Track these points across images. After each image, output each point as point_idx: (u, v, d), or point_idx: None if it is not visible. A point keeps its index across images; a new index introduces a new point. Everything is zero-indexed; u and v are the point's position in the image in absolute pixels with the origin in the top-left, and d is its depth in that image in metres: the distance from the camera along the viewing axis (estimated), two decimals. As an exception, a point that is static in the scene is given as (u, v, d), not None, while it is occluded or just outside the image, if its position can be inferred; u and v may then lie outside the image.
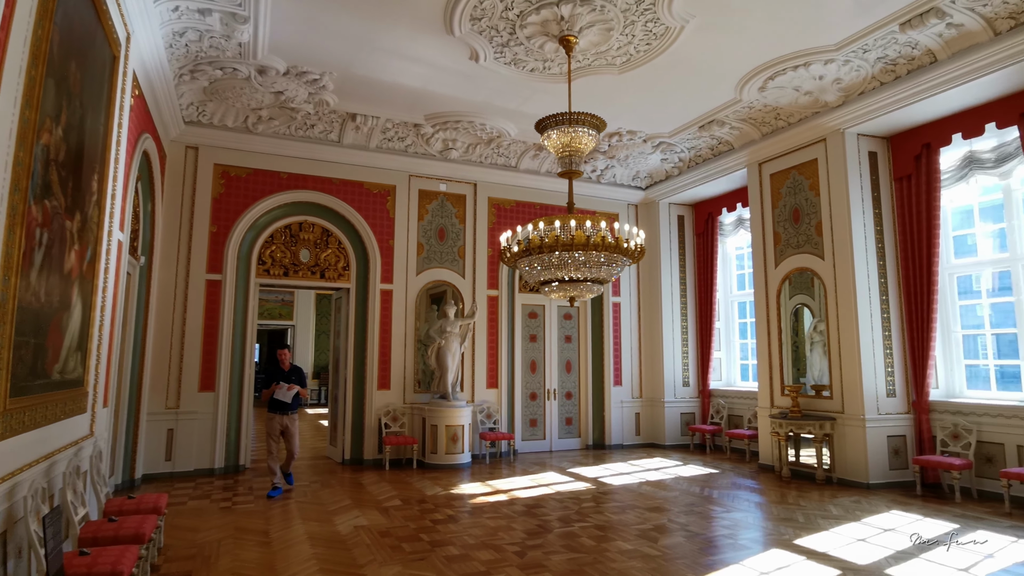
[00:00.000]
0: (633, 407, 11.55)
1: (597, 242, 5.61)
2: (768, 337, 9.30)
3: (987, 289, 8.23)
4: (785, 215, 9.11)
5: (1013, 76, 6.75)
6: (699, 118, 9.15)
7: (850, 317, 8.04)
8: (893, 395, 8.01)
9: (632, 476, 8.53)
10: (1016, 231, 7.58)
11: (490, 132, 9.60)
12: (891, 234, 8.33)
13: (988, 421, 7.32)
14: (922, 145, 7.99)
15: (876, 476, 7.71)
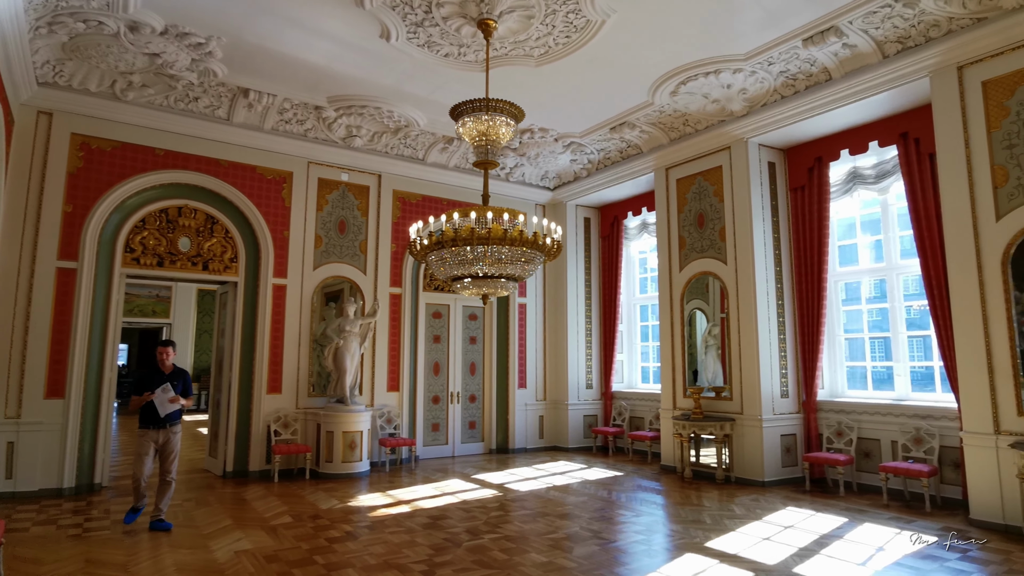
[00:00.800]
0: (537, 410, 11.40)
1: (515, 236, 5.31)
2: (672, 340, 9.46)
3: (866, 296, 8.82)
4: (690, 220, 9.32)
5: (896, 98, 7.23)
6: (611, 119, 9.15)
7: (751, 321, 8.31)
8: (786, 396, 8.37)
9: (538, 481, 8.32)
10: (891, 243, 8.16)
11: (398, 121, 9.07)
12: (786, 242, 8.72)
13: (867, 419, 7.81)
14: (815, 158, 8.42)
15: (771, 474, 8.00)
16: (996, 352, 6.07)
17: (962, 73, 6.45)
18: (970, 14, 6.19)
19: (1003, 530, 5.84)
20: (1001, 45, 6.15)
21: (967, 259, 6.31)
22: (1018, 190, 6.02)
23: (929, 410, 7.27)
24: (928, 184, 7.26)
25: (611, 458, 10.27)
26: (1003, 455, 5.92)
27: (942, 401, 7.40)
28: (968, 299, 6.28)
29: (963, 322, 6.31)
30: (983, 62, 6.31)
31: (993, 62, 6.24)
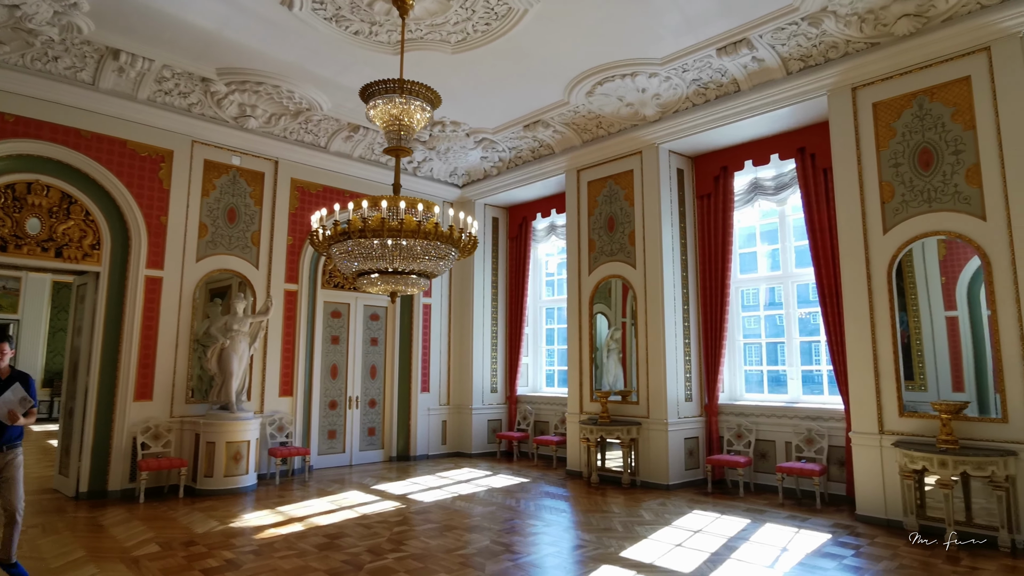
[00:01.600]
0: (440, 415, 10.97)
1: (429, 230, 4.91)
2: (579, 343, 9.40)
3: (764, 303, 9.20)
4: (601, 223, 9.31)
5: (796, 114, 7.56)
6: (526, 116, 8.95)
7: (658, 325, 8.39)
8: (690, 399, 8.53)
9: (443, 491, 7.91)
10: (787, 252, 8.56)
11: (299, 103, 8.34)
12: (693, 248, 8.91)
13: (764, 421, 8.11)
14: (721, 167, 8.67)
15: (675, 477, 8.10)
16: (882, 356, 6.44)
17: (856, 94, 6.83)
18: (865, 38, 6.55)
19: (885, 524, 6.18)
20: (891, 70, 6.56)
21: (858, 269, 6.66)
22: (903, 206, 6.43)
23: (819, 411, 7.65)
24: (823, 197, 7.65)
25: (516, 464, 10.05)
26: (886, 453, 6.28)
27: (829, 403, 7.82)
28: (858, 306, 6.63)
29: (854, 328, 6.65)
30: (874, 85, 6.70)
31: (884, 85, 6.64)
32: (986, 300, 5.92)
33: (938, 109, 6.30)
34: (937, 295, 6.45)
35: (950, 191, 6.15)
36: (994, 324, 5.83)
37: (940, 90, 6.30)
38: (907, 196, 6.41)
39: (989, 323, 5.89)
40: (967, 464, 5.47)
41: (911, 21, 6.24)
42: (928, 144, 6.32)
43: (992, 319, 5.85)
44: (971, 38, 6.07)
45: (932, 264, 6.52)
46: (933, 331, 6.38)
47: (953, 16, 6.13)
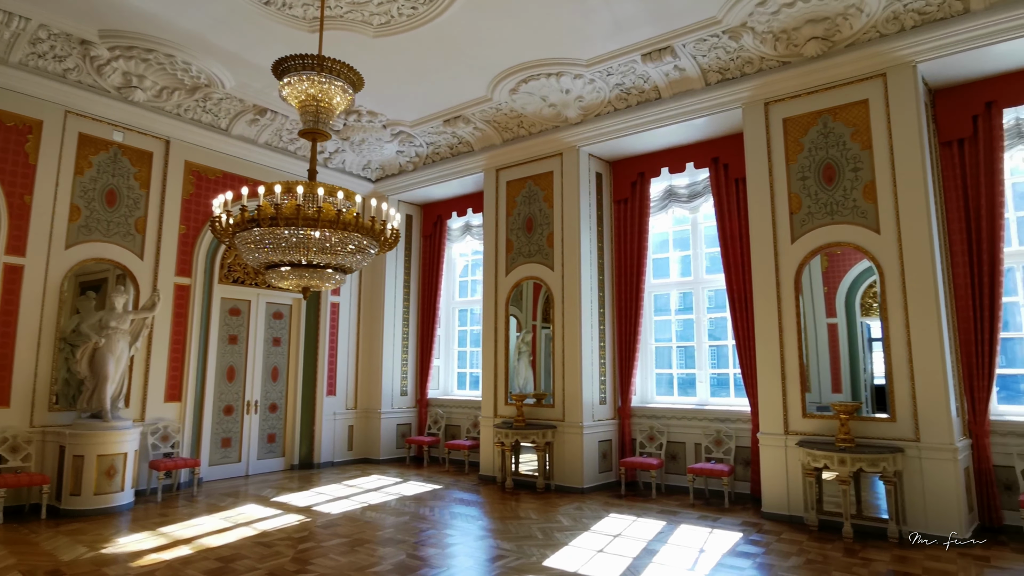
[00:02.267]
0: (347, 419, 10.41)
1: (349, 220, 4.52)
2: (495, 345, 9.21)
3: (675, 307, 9.45)
4: (519, 224, 9.18)
5: (712, 124, 7.81)
6: (447, 111, 8.67)
7: (575, 328, 8.37)
8: (604, 402, 8.58)
9: (351, 500, 7.43)
10: (699, 259, 8.84)
11: (196, 77, 7.57)
12: (609, 252, 8.99)
13: (674, 423, 8.30)
14: (638, 173, 8.81)
15: (589, 480, 8.10)
16: (788, 360, 6.74)
17: (768, 109, 7.14)
18: (778, 56, 6.86)
19: (788, 520, 6.46)
20: (800, 88, 6.91)
21: (768, 276, 6.95)
22: (809, 217, 6.78)
23: (727, 413, 7.92)
24: (734, 206, 7.94)
25: (426, 469, 9.69)
26: (791, 453, 6.57)
27: (736, 405, 8.12)
28: (768, 312, 6.91)
29: (764, 333, 6.92)
30: (785, 101, 7.03)
31: (793, 102, 6.98)
32: (880, 308, 6.34)
33: (840, 128, 6.70)
34: (820, 303, 6.90)
35: (850, 205, 6.55)
36: (886, 330, 6.25)
37: (842, 110, 6.70)
38: (813, 208, 6.77)
39: (883, 330, 6.30)
40: (863, 461, 5.81)
41: (819, 44, 6.60)
42: (831, 160, 6.71)
43: (884, 326, 6.27)
44: (870, 64, 6.50)
45: (816, 275, 6.98)
46: (816, 337, 6.81)
47: (855, 42, 6.54)
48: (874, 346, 7.18)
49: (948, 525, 5.73)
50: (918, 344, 6.05)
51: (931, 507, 5.82)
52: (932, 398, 5.94)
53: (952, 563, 5.14)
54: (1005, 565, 5.10)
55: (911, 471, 5.94)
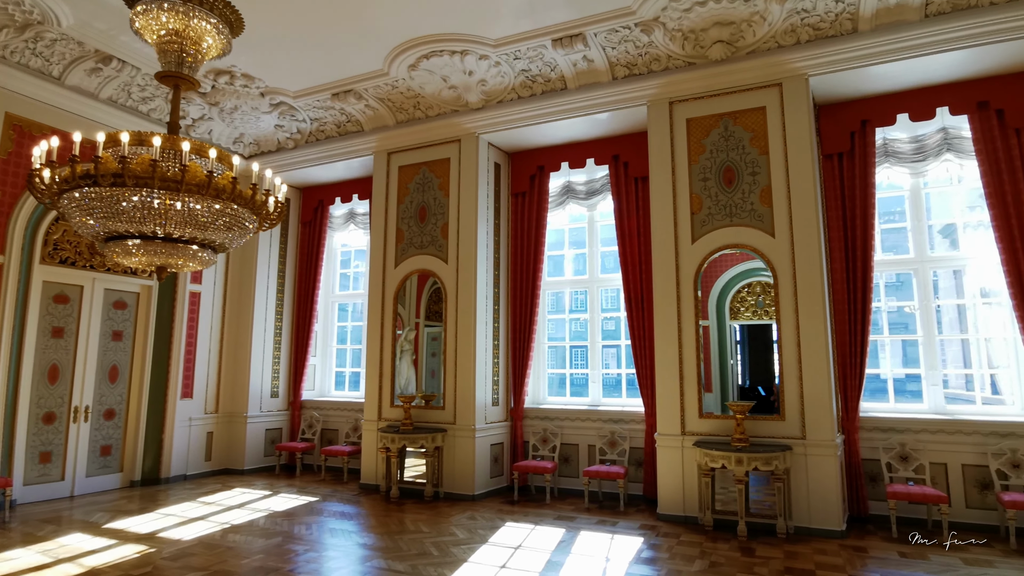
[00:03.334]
0: (206, 425, 9.14)
1: (224, 186, 3.71)
2: (381, 343, 8.49)
3: (568, 306, 9.29)
4: (411, 212, 8.54)
5: (615, 120, 7.70)
6: (337, 83, 7.83)
7: (469, 325, 7.89)
8: (497, 403, 8.18)
9: (209, 522, 6.39)
10: (594, 257, 8.72)
11: (28, 11, 6.15)
12: (506, 247, 8.62)
13: (568, 425, 8.09)
14: (538, 166, 8.53)
15: (481, 486, 7.65)
16: (686, 360, 6.74)
17: (673, 108, 7.13)
18: (685, 56, 6.86)
19: (684, 521, 6.44)
20: (703, 90, 6.96)
21: (668, 276, 6.92)
22: (709, 218, 6.83)
23: (620, 414, 7.83)
24: (633, 205, 7.89)
25: (300, 479, 8.73)
26: (687, 453, 6.56)
27: (629, 406, 8.07)
28: (668, 312, 6.87)
29: (663, 333, 6.87)
30: (689, 102, 7.05)
31: (697, 103, 7.02)
32: (774, 310, 6.50)
33: (740, 133, 6.82)
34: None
35: (747, 208, 6.68)
36: (780, 332, 6.42)
37: (742, 115, 6.83)
38: (713, 209, 6.83)
39: (777, 331, 6.47)
40: (758, 460, 5.89)
41: (724, 47, 6.67)
42: (731, 163, 6.81)
43: (778, 328, 6.44)
44: (768, 73, 6.67)
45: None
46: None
47: (756, 50, 6.68)
48: (737, 348, 7.48)
49: (829, 519, 5.96)
50: (807, 345, 6.26)
51: (814, 502, 6.02)
52: (818, 397, 6.17)
53: (837, 556, 5.30)
54: (881, 555, 5.34)
55: (797, 468, 6.13)
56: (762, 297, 7.06)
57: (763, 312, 7.14)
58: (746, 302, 7.29)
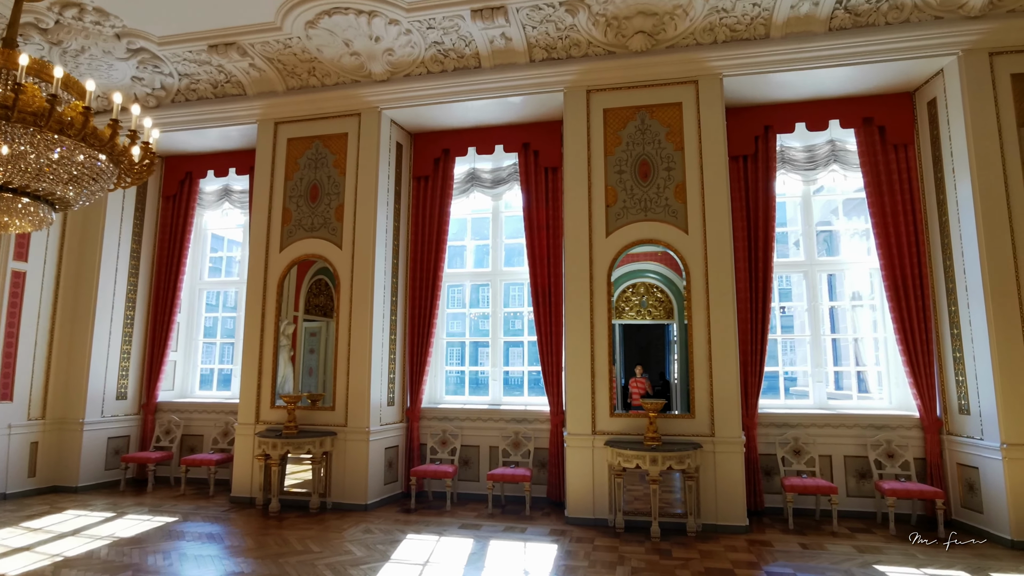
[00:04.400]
0: (29, 434, 7.55)
1: (74, 119, 2.82)
2: (261, 336, 7.49)
3: (469, 300, 8.81)
4: (301, 191, 7.62)
5: (527, 106, 7.35)
6: (217, 32, 6.75)
7: (366, 317, 7.15)
8: (393, 403, 7.51)
9: (37, 553, 5.14)
10: (498, 249, 8.32)
11: None
12: (405, 234, 7.97)
13: (468, 425, 7.61)
14: (443, 150, 7.97)
15: (374, 495, 6.94)
16: (598, 357, 6.52)
17: (590, 97, 6.91)
18: (606, 44, 6.67)
19: (594, 524, 6.21)
20: (622, 81, 6.81)
21: (581, 270, 6.67)
22: (624, 211, 6.68)
23: (524, 414, 7.49)
24: (542, 196, 7.59)
25: (152, 495, 7.45)
26: (598, 453, 6.34)
27: (532, 404, 7.76)
28: (579, 307, 6.60)
29: (574, 328, 6.60)
30: (607, 92, 6.87)
31: (615, 94, 6.85)
32: (684, 307, 6.47)
33: (656, 127, 6.74)
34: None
35: (662, 203, 6.61)
36: (690, 329, 6.39)
37: (659, 109, 6.75)
38: (628, 203, 6.68)
39: (687, 329, 6.44)
40: (672, 459, 5.78)
41: (645, 39, 6.55)
42: (647, 157, 6.71)
43: (688, 325, 6.41)
44: (685, 69, 6.65)
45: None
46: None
47: (676, 45, 6.64)
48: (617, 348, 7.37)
49: (736, 515, 6.00)
50: (718, 343, 6.28)
51: (722, 499, 6.04)
52: (728, 395, 6.21)
53: (748, 552, 5.31)
54: (784, 548, 5.43)
55: (706, 465, 6.12)
56: (646, 297, 7.01)
57: (646, 312, 7.10)
58: (631, 302, 7.22)
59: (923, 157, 6.79)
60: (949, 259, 6.38)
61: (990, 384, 5.79)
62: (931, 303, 6.60)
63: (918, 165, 6.83)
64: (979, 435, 5.95)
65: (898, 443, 6.50)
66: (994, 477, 5.74)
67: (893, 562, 5.06)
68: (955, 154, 6.26)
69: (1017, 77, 6.09)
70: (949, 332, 6.39)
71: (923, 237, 6.72)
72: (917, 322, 6.56)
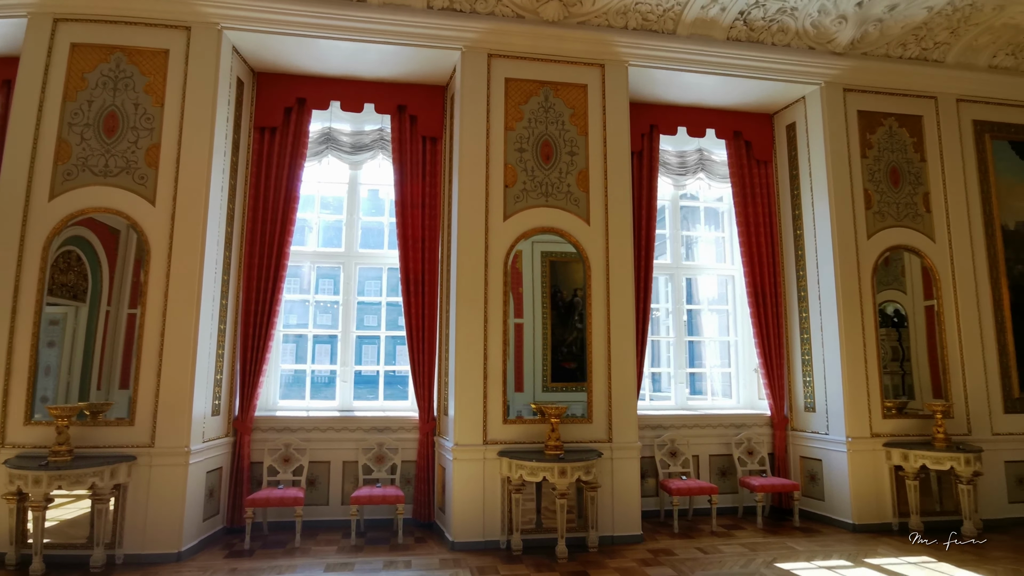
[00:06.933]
0: None
1: None
2: (12, 322, 5.17)
3: (314, 285, 7.31)
4: (91, 120, 5.45)
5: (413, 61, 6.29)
6: None
7: (189, 298, 5.35)
8: (218, 412, 5.78)
9: None
10: (354, 227, 7.03)
11: None
12: (243, 198, 6.27)
13: (316, 437, 6.23)
14: (297, 98, 6.47)
15: (191, 537, 5.20)
16: (491, 356, 5.73)
17: (492, 62, 6.10)
18: (518, 6, 6.00)
19: (485, 548, 5.40)
20: (528, 50, 6.14)
21: (476, 257, 5.81)
22: (523, 194, 6.00)
23: (386, 421, 6.37)
24: (418, 169, 6.58)
25: None
26: (490, 466, 5.55)
27: (392, 410, 6.67)
28: (473, 299, 5.74)
29: (466, 322, 5.72)
30: (511, 60, 6.13)
31: (519, 64, 6.14)
32: (584, 300, 6.01)
33: (560, 106, 6.21)
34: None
35: (564, 189, 6.09)
36: (589, 329, 5.95)
37: (564, 89, 6.23)
38: (528, 185, 6.03)
39: (586, 329, 5.98)
40: (580, 469, 5.25)
41: (559, 8, 5.99)
42: (550, 138, 6.13)
43: (588, 325, 5.96)
44: (594, 50, 6.24)
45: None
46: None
47: (588, 22, 6.20)
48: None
49: (632, 525, 5.70)
50: (617, 344, 5.95)
51: (619, 509, 5.70)
52: (626, 398, 5.91)
53: (660, 564, 5.02)
54: (689, 555, 5.26)
55: (604, 473, 5.72)
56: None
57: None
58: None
59: (780, 174, 7.33)
60: (803, 269, 6.94)
61: (839, 384, 6.37)
62: (783, 309, 7.13)
63: (775, 181, 7.36)
64: (825, 430, 6.52)
65: (756, 440, 6.87)
66: (838, 468, 6.31)
67: (786, 558, 5.18)
68: (813, 175, 6.83)
69: (862, 113, 6.86)
70: (799, 337, 6.95)
71: (779, 248, 7.24)
72: (772, 327, 7.02)
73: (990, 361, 6.77)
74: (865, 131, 6.84)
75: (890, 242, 6.67)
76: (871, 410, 6.33)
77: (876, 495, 6.19)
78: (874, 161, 6.79)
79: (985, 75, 7.13)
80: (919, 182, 6.87)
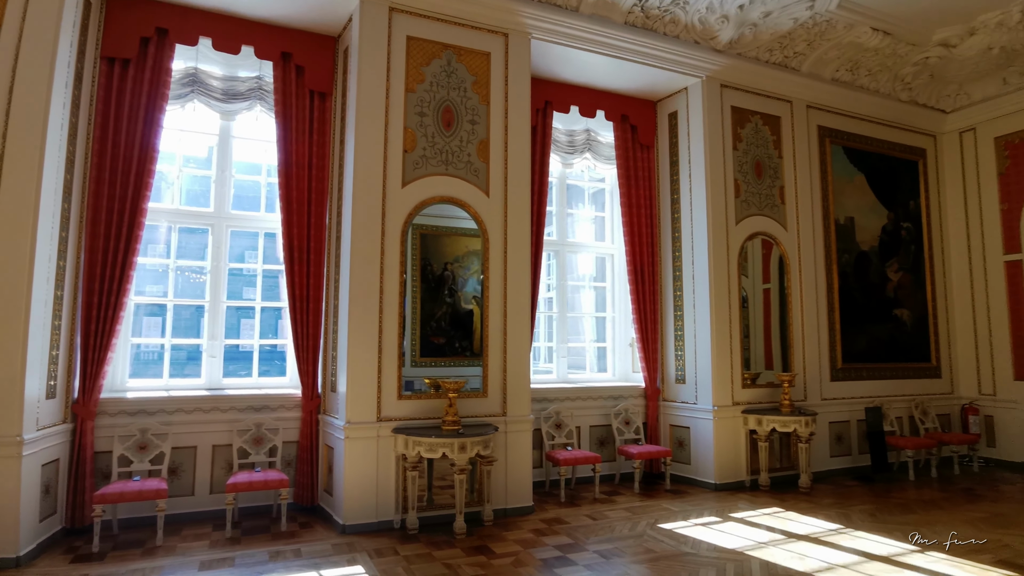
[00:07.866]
0: None
1: None
2: None
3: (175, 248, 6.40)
4: None
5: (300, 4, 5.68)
6: None
7: (21, 259, 4.41)
8: (54, 395, 4.89)
9: None
10: (225, 185, 6.27)
11: None
12: (85, 140, 5.29)
13: (182, 419, 5.54)
14: (157, 28, 5.57)
15: (28, 541, 4.36)
16: (387, 328, 5.44)
17: (393, 17, 5.69)
18: (421, -43, 5.59)
19: (379, 529, 5.17)
20: (431, 9, 5.81)
21: (372, 223, 5.45)
22: (423, 161, 5.73)
23: (263, 399, 5.83)
24: (304, 126, 6.04)
25: None
26: (383, 444, 5.30)
27: (266, 387, 6.12)
28: (366, 267, 5.40)
29: (360, 292, 5.36)
30: (414, 17, 5.76)
31: (422, 22, 5.80)
32: (482, 275, 5.90)
33: (463, 72, 5.98)
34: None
35: (464, 159, 5.90)
36: (485, 300, 5.87)
37: (467, 54, 6.00)
38: (428, 152, 5.76)
39: (482, 299, 5.89)
40: (479, 444, 5.20)
41: (466, -34, 5.72)
42: (452, 104, 5.89)
43: (484, 295, 5.88)
44: (498, 18, 6.07)
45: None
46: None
47: (494, -14, 5.99)
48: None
49: (524, 496, 5.79)
50: (513, 318, 5.94)
51: (511, 482, 5.75)
52: (519, 371, 5.93)
53: (555, 533, 5.14)
54: (580, 523, 5.45)
55: (498, 447, 5.73)
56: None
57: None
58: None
59: (661, 159, 7.74)
60: (679, 250, 7.42)
61: (708, 358, 6.94)
62: (659, 287, 7.59)
63: (656, 166, 7.77)
64: (694, 400, 7.08)
65: (632, 411, 7.29)
66: (704, 434, 6.91)
67: (665, 519, 5.56)
68: (692, 162, 7.29)
69: (735, 108, 7.43)
70: (673, 313, 7.45)
71: (657, 229, 7.67)
72: (649, 304, 7.45)
73: (823, 337, 7.77)
74: (736, 125, 7.42)
75: (753, 229, 7.35)
76: (733, 380, 6.98)
77: (734, 457, 6.87)
78: (743, 154, 7.40)
79: (829, 86, 8.04)
80: (777, 176, 7.62)
